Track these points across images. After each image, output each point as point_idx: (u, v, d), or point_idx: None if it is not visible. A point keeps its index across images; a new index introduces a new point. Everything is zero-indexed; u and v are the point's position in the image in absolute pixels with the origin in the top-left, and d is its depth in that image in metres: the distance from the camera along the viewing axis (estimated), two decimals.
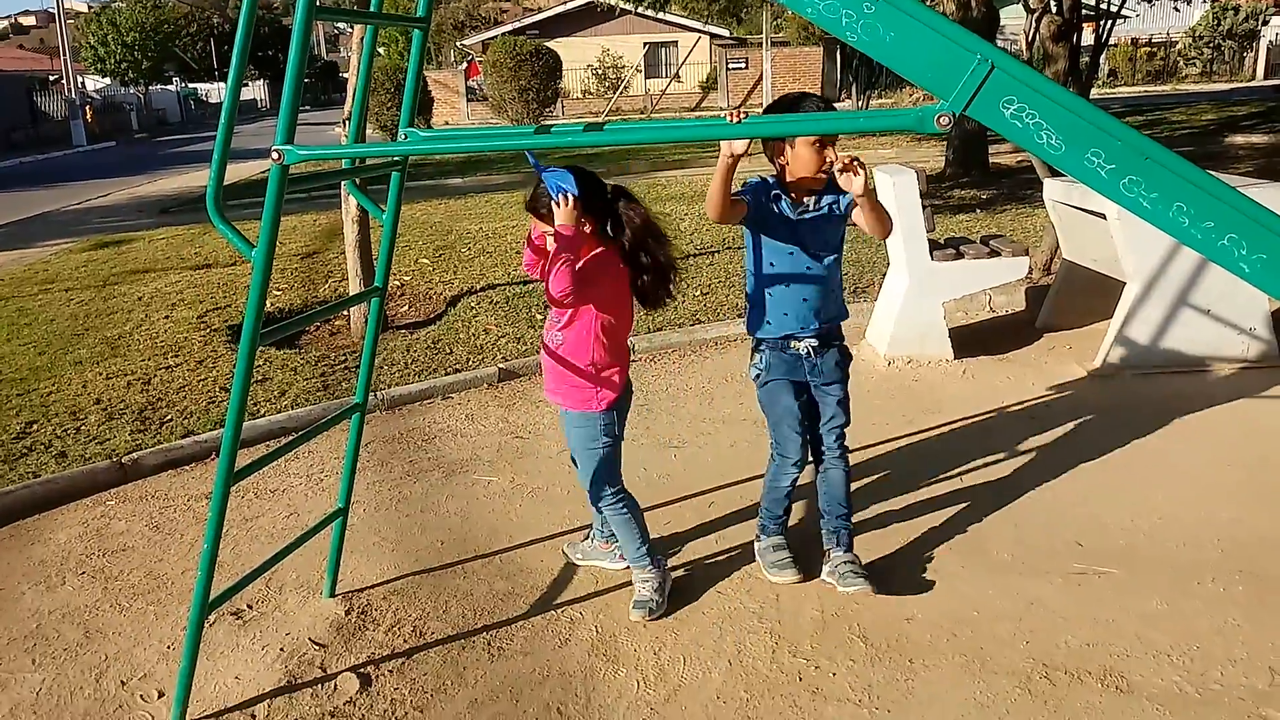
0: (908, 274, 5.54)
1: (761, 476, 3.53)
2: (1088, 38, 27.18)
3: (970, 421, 4.79)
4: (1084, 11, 25.55)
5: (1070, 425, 4.66)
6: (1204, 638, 2.97)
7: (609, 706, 2.82)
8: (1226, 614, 3.08)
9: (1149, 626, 3.04)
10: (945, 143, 13.88)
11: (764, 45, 32.72)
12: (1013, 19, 28.81)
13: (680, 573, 3.50)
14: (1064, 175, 7.27)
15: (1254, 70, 39.06)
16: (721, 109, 33.79)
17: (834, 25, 1.96)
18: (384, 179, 3.18)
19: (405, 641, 3.17)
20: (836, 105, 23.61)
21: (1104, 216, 5.22)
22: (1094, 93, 29.12)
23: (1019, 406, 4.94)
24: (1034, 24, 8.05)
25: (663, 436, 4.82)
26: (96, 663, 3.16)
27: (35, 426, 5.17)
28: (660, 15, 30.75)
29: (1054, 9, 19.71)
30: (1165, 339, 5.27)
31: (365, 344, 3.21)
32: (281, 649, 3.15)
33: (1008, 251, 5.60)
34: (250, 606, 3.42)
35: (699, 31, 33.93)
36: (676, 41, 36.38)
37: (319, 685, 2.96)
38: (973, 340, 5.97)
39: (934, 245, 5.63)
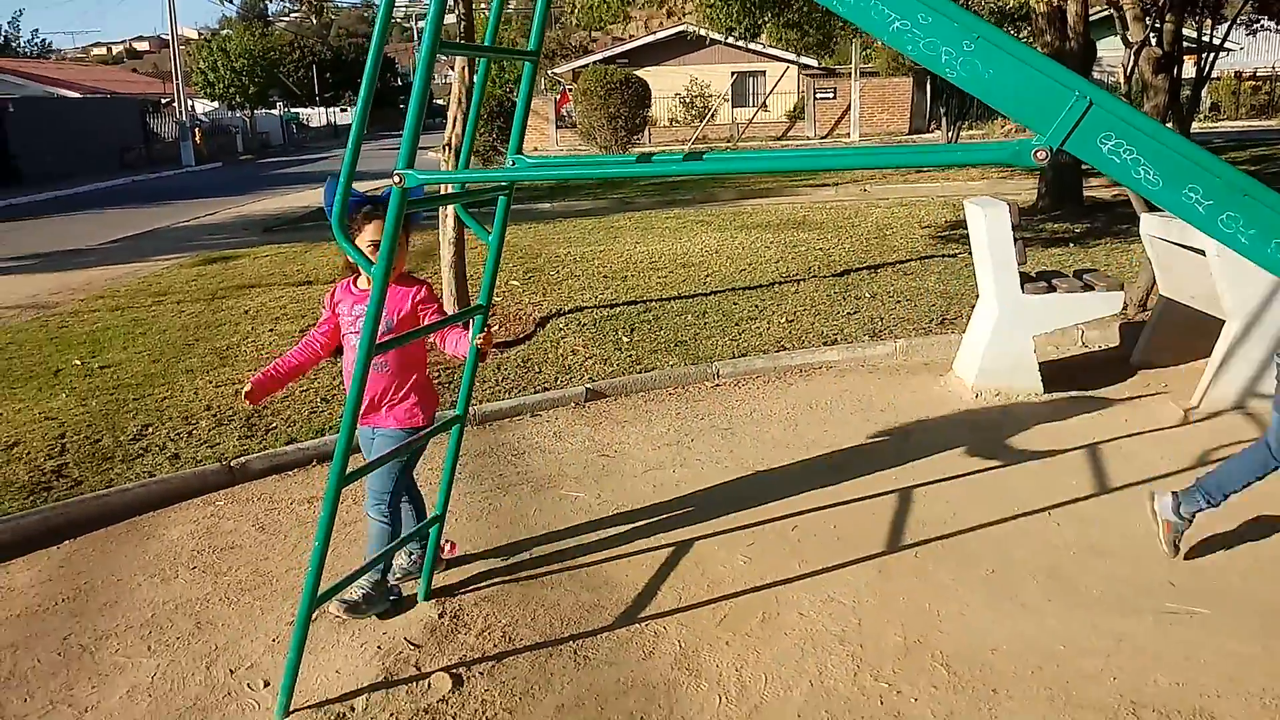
0: (997, 306, 5.51)
1: (843, 504, 3.56)
2: (1189, 70, 26.45)
3: (1059, 457, 4.74)
4: (1185, 44, 24.87)
5: (1163, 464, 4.58)
6: None
7: (691, 719, 2.89)
8: None
9: (1242, 669, 2.99)
10: (1038, 175, 13.67)
11: (853, 75, 32.64)
12: (1110, 51, 28.21)
13: (765, 595, 3.56)
14: (1161, 210, 7.13)
15: None
16: (809, 139, 33.77)
17: (934, 62, 2.04)
18: (484, 202, 3.35)
19: (495, 646, 3.28)
20: (927, 136, 23.26)
21: (1203, 252, 5.12)
22: (1195, 127, 28.36)
23: (1110, 443, 4.87)
24: (1132, 57, 7.91)
25: (745, 460, 4.88)
26: (207, 652, 3.34)
27: (150, 429, 5.48)
28: (750, 46, 30.95)
29: (1153, 41, 19.27)
30: (1267, 378, 5.13)
31: (468, 359, 3.35)
32: (379, 647, 3.30)
33: (1101, 286, 5.53)
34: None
35: (787, 61, 33.99)
36: (764, 71, 36.49)
37: (414, 683, 3.09)
38: (1063, 375, 5.90)
39: (1025, 278, 5.59)
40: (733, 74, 35.27)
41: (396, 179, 2.49)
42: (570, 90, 28.91)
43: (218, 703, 3.06)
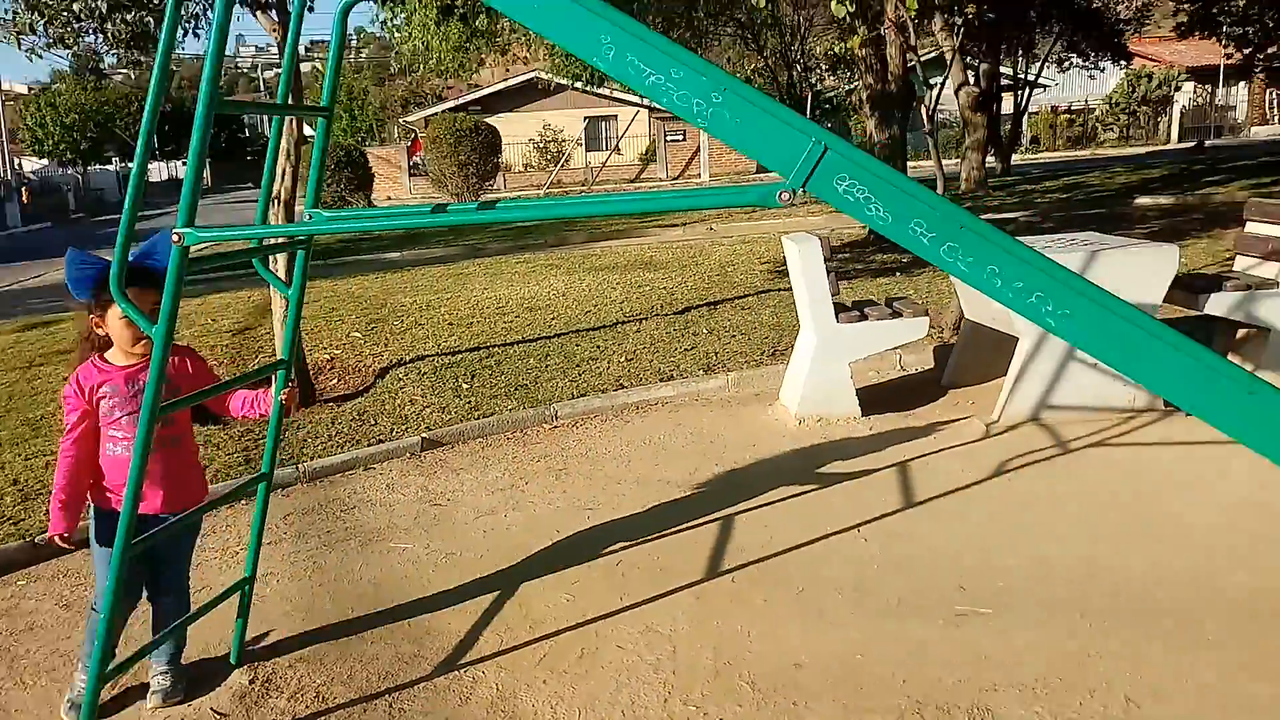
0: (815, 335, 5.78)
1: (668, 535, 3.66)
2: (1010, 106, 28.03)
3: (872, 475, 4.99)
4: (1003, 82, 26.54)
5: (965, 476, 4.88)
6: (1068, 671, 3.15)
7: None
8: (1091, 647, 3.27)
9: (1019, 662, 3.22)
10: None
11: None
12: (947, 90, 30.02)
13: (586, 632, 3.61)
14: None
15: (1168, 134, 40.98)
16: (661, 180, 34.51)
17: (687, 113, 2.17)
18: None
19: (307, 707, 3.23)
20: (770, 175, 24.06)
21: None
22: (1017, 159, 30.26)
23: (919, 460, 5.16)
24: (933, 99, 8.47)
25: (578, 500, 4.94)
26: None
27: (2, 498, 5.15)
28: (599, 90, 31.58)
29: (971, 81, 20.65)
30: (1057, 391, 5.56)
31: (272, 416, 3.31)
32: (183, 718, 3.19)
33: (909, 312, 5.88)
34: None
35: (637, 106, 34.79)
36: (616, 115, 37.23)
37: None
38: (882, 398, 6.23)
39: (840, 307, 5.89)
40: (585, 119, 35.82)
41: (175, 238, 2.47)
42: (422, 138, 28.78)
43: None
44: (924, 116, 8.81)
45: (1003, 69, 25.65)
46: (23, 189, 34.77)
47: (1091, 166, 26.39)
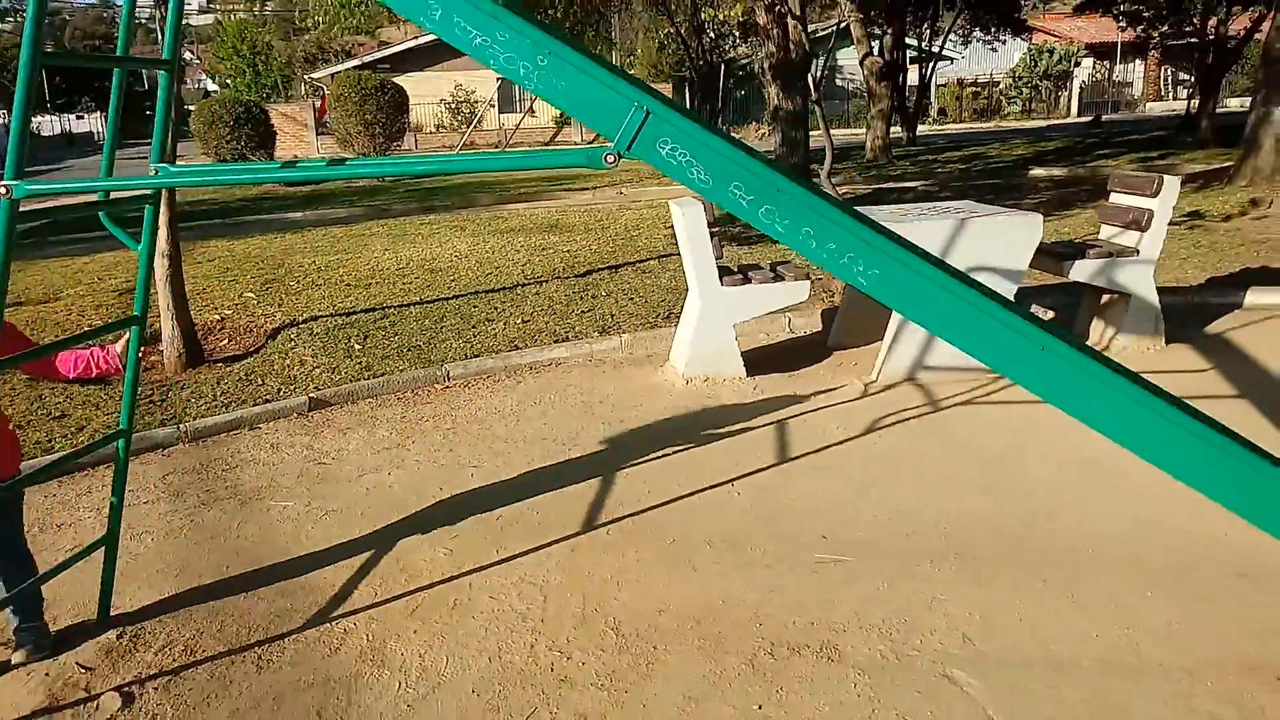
0: (700, 298, 5.91)
1: (549, 491, 3.74)
2: (916, 79, 28.45)
3: (751, 433, 5.16)
4: (910, 54, 26.94)
5: (839, 433, 5.08)
6: (913, 612, 3.35)
7: (369, 706, 2.98)
8: (936, 591, 3.48)
9: (869, 605, 3.41)
10: None
11: None
12: (849, 60, 30.45)
13: (460, 584, 3.69)
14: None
15: (1069, 108, 42.33)
16: (576, 143, 34.28)
17: (514, 75, 2.22)
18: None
19: (174, 660, 3.24)
20: None
21: None
22: (923, 129, 30.84)
23: (797, 418, 5.35)
24: (819, 69, 8.63)
25: (462, 459, 5.00)
26: None
27: None
28: None
29: (874, 52, 20.98)
30: (932, 353, 5.79)
31: (127, 373, 3.28)
32: (46, 674, 3.18)
33: (790, 276, 6.04)
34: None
35: None
36: None
37: (80, 705, 3.01)
38: (770, 360, 6.40)
39: (725, 271, 6.02)
40: (499, 80, 35.31)
41: (3, 190, 2.43)
42: (328, 95, 28.02)
43: None
44: (809, 85, 8.96)
45: (909, 41, 26.12)
46: None
47: (994, 138, 27.13)
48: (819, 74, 9.10)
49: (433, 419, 5.63)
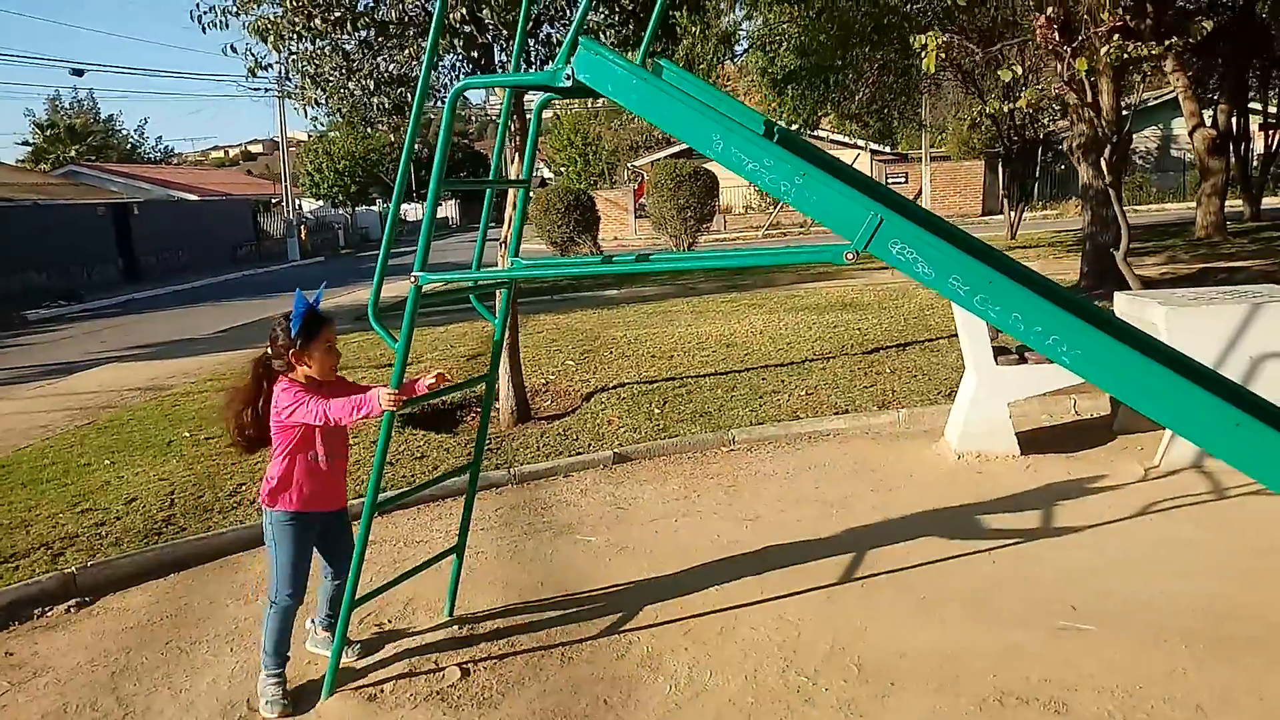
0: (975, 376, 6.16)
1: (817, 543, 4.24)
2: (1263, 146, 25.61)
3: (1017, 507, 5.33)
4: (1253, 119, 24.48)
5: (1110, 514, 5.13)
6: (1151, 682, 3.48)
7: (644, 701, 3.61)
8: (1181, 666, 3.57)
9: (1106, 670, 3.57)
10: (1080, 255, 14.11)
11: (923, 160, 33.46)
12: (1182, 130, 28.36)
13: (727, 615, 4.27)
14: (1133, 290, 7.69)
15: None
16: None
17: (776, 190, 2.86)
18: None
19: (500, 649, 4.07)
20: (998, 218, 23.62)
21: (1155, 325, 5.72)
22: (1271, 200, 27.82)
23: (1067, 497, 5.44)
24: (1112, 152, 8.52)
25: (741, 512, 5.59)
26: None
27: (243, 488, 6.47)
28: (815, 134, 32.08)
29: (1208, 122, 19.51)
30: None
31: (482, 417, 4.22)
32: (408, 649, 4.12)
33: None
34: (390, 620, 4.42)
35: (859, 148, 35.03)
36: (838, 157, 37.62)
37: (431, 673, 3.90)
38: (1049, 440, 6.48)
39: (1001, 350, 6.23)
40: None
41: (413, 279, 3.40)
42: (646, 182, 30.37)
43: None
44: (1103, 169, 8.86)
45: (1254, 106, 23.98)
46: (301, 227, 39.46)
47: None
48: (1112, 156, 8.98)
49: (717, 477, 6.29)
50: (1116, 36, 7.61)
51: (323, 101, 8.22)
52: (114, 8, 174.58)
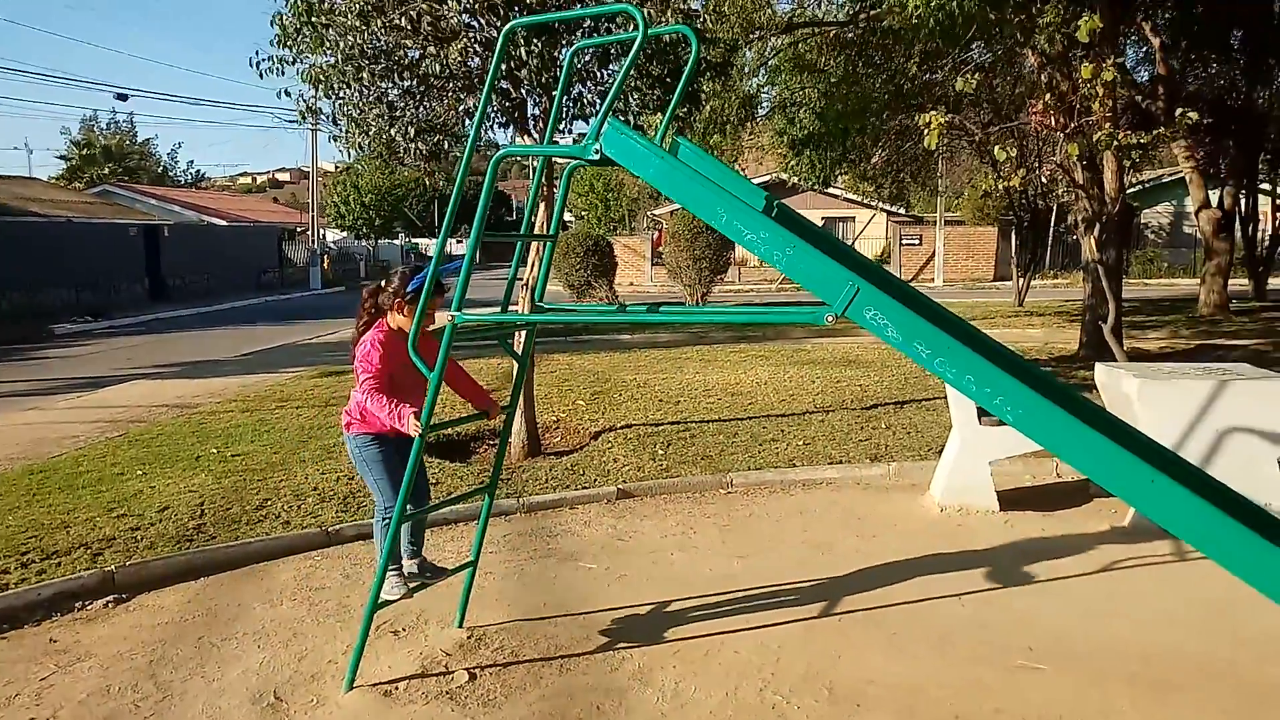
0: (959, 434, 6.56)
1: (801, 582, 4.63)
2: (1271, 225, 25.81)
3: (989, 559, 5.71)
4: (1263, 199, 24.79)
5: (1076, 568, 5.51)
6: (1090, 716, 3.85)
7: (633, 709, 3.99)
8: (1118, 703, 3.94)
9: (1052, 704, 3.94)
10: (1079, 327, 14.52)
11: (938, 224, 34.06)
12: (1190, 208, 28.86)
13: (714, 639, 4.65)
14: (1114, 360, 8.07)
15: None
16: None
17: (771, 259, 3.31)
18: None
19: (504, 658, 4.46)
20: (1008, 284, 23.78)
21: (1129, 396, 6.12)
22: (1277, 281, 28.16)
23: (1037, 551, 5.81)
24: (1088, 235, 8.97)
25: (733, 549, 5.98)
26: (299, 651, 4.61)
27: (269, 502, 6.90)
28: (828, 191, 32.80)
29: (1212, 203, 19.97)
30: None
31: (499, 444, 4.65)
32: (420, 653, 4.51)
33: None
34: (405, 629, 4.82)
35: (874, 209, 35.70)
36: (854, 217, 38.36)
37: (441, 675, 4.29)
38: (1028, 499, 6.86)
39: (984, 411, 6.63)
40: (823, 219, 37.05)
41: (449, 317, 3.85)
42: (665, 230, 31.03)
43: (304, 681, 4.30)
44: (1090, 248, 9.30)
45: (1263, 186, 24.47)
46: (324, 257, 40.25)
47: None
48: (1101, 235, 9.42)
49: (713, 516, 6.68)
50: (1108, 125, 8.09)
51: (365, 147, 8.76)
52: (155, 38, 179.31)
